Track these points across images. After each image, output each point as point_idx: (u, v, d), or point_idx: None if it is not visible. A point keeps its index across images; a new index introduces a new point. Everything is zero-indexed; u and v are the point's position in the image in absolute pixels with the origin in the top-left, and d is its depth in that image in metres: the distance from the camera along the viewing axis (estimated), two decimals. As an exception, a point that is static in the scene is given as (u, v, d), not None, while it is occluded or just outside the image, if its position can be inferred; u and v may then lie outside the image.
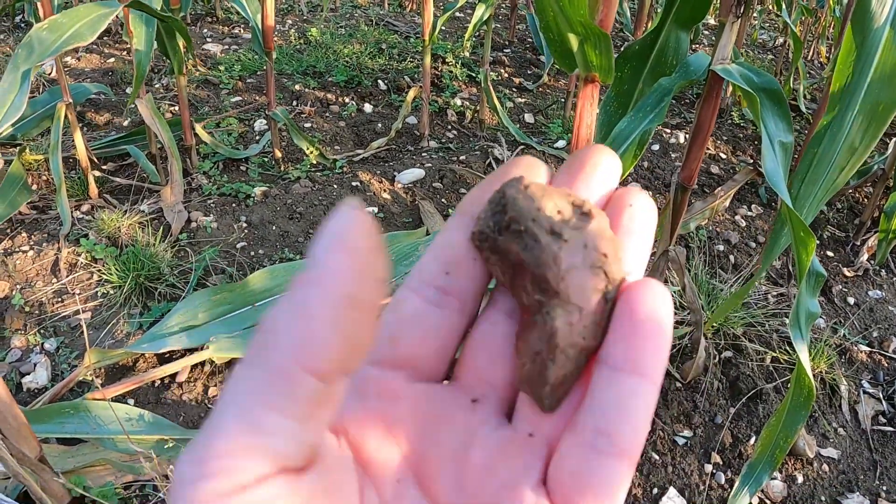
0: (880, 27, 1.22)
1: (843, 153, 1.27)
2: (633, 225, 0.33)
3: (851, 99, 1.25)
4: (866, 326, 2.47)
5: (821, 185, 1.29)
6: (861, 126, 1.24)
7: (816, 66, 5.30)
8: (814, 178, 1.30)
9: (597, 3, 1.10)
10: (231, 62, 4.04)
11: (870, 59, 1.23)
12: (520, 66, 4.48)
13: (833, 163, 1.28)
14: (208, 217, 2.50)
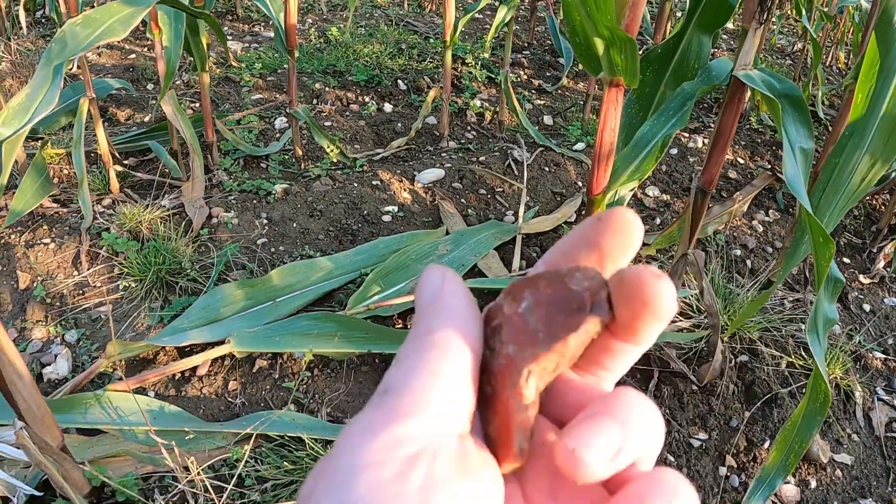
0: (905, 36, 1.23)
1: (865, 163, 1.27)
2: None
3: (874, 109, 1.25)
4: (881, 333, 2.47)
5: (842, 193, 1.30)
6: (883, 136, 1.25)
7: (835, 72, 5.29)
8: (835, 187, 1.31)
9: (623, 8, 1.12)
10: (251, 60, 4.06)
11: (892, 69, 1.24)
12: (539, 68, 4.49)
13: (854, 172, 1.28)
14: (229, 213, 2.52)
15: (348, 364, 1.97)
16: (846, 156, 1.29)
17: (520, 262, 2.42)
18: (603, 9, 1.02)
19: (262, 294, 2.07)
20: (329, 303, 2.17)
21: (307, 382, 1.92)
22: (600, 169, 1.22)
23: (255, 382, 1.90)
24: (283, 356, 1.97)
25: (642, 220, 2.88)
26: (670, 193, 3.13)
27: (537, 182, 3.02)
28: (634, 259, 2.43)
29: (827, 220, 1.33)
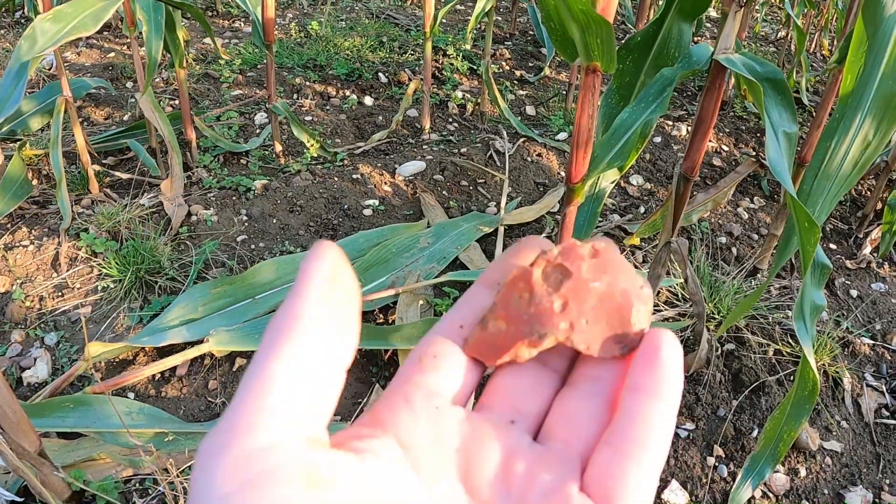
0: (893, 15, 1.21)
1: (857, 147, 1.25)
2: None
3: (864, 91, 1.23)
4: (869, 319, 2.46)
5: (834, 179, 1.28)
6: (875, 118, 1.23)
7: (819, 58, 5.29)
8: (827, 172, 1.28)
9: (598, -9, 1.09)
10: (231, 56, 4.03)
11: (882, 49, 1.21)
12: (521, 59, 4.47)
13: (847, 157, 1.26)
14: (208, 210, 2.49)
15: (330, 361, 1.94)
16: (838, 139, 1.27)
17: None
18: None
19: (242, 292, 2.05)
20: (310, 299, 2.14)
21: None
22: (579, 156, 1.20)
23: (236, 381, 1.88)
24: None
25: (626, 209, 2.89)
26: (654, 182, 3.12)
27: (520, 173, 3.00)
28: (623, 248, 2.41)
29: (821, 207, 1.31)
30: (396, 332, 1.87)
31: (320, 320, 0.31)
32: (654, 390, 0.35)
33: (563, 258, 0.39)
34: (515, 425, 0.38)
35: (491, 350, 0.39)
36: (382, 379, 1.92)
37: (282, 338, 0.30)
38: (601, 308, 0.38)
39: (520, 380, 0.40)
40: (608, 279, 0.38)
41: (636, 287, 0.39)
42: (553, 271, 0.39)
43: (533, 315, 0.38)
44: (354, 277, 0.34)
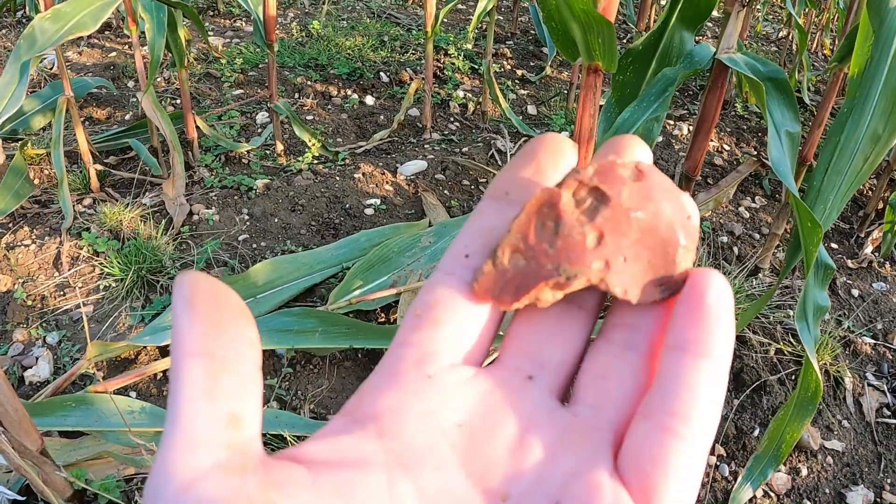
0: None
1: (867, 141, 1.25)
2: None
3: (871, 85, 1.23)
4: (871, 319, 2.46)
5: (845, 175, 1.28)
6: (884, 112, 1.23)
7: (820, 57, 5.28)
8: (837, 168, 1.28)
9: (600, -9, 1.09)
10: (233, 55, 4.03)
11: (889, 41, 1.21)
12: (522, 58, 4.47)
13: (857, 152, 1.26)
14: (210, 210, 2.49)
15: (331, 360, 1.95)
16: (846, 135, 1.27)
17: (503, 252, 2.40)
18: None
19: (243, 291, 2.05)
20: (311, 298, 2.15)
21: (289, 379, 1.90)
22: (581, 154, 1.20)
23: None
24: (265, 353, 1.94)
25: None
26: (657, 181, 3.12)
27: (521, 172, 3.00)
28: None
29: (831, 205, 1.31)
30: (398, 332, 1.87)
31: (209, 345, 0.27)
32: (699, 348, 0.30)
33: (600, 180, 0.32)
34: (534, 382, 0.33)
35: (505, 291, 0.33)
36: (384, 378, 1.92)
37: (180, 376, 0.26)
38: (643, 244, 0.32)
39: (541, 324, 0.34)
40: (652, 208, 0.32)
41: (683, 217, 0.33)
42: (587, 196, 0.33)
43: (560, 249, 0.32)
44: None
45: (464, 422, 0.31)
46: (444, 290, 0.33)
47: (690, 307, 0.30)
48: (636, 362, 0.32)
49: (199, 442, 0.25)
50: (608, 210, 0.32)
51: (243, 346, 0.28)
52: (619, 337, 0.33)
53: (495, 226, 0.34)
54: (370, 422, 0.31)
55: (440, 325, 0.32)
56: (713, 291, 0.30)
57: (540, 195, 0.33)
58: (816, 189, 1.29)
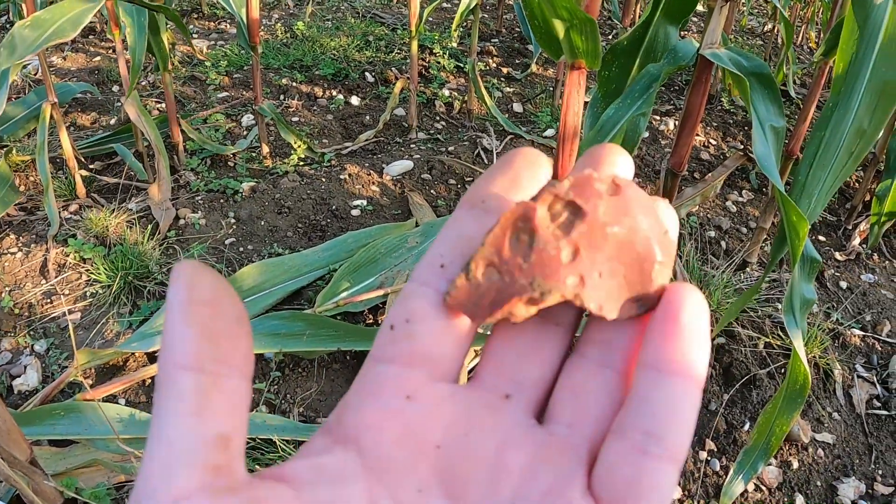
0: (882, 3, 1.21)
1: (852, 136, 1.25)
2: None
3: (857, 79, 1.23)
4: (859, 311, 2.47)
5: (830, 170, 1.28)
6: (869, 107, 1.23)
7: (806, 51, 5.29)
8: (822, 163, 1.28)
9: (582, -12, 1.09)
10: (217, 57, 4.02)
11: (874, 36, 1.22)
12: (508, 56, 4.47)
13: (841, 147, 1.26)
14: (196, 214, 2.49)
15: (319, 362, 1.94)
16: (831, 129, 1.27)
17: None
18: (561, -10, 0.99)
19: (230, 295, 2.04)
20: (298, 300, 2.14)
21: (278, 383, 1.89)
22: (565, 153, 1.20)
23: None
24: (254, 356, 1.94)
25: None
26: (643, 177, 3.12)
27: (508, 170, 3.00)
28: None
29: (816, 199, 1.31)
30: (385, 333, 1.87)
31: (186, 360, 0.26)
32: (673, 367, 0.30)
33: (575, 193, 0.32)
34: (511, 401, 0.32)
35: (478, 306, 0.32)
36: (373, 380, 1.92)
37: (168, 389, 0.26)
38: (618, 259, 0.32)
39: (518, 341, 0.34)
40: (629, 223, 0.31)
41: (660, 233, 0.32)
42: (563, 210, 0.32)
43: (534, 264, 0.31)
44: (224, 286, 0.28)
45: (443, 443, 0.31)
46: (418, 301, 0.33)
47: (665, 325, 0.30)
48: (611, 379, 0.32)
49: (185, 463, 0.25)
50: (584, 225, 0.31)
51: (237, 359, 0.27)
52: (594, 353, 0.33)
53: (471, 234, 0.33)
54: (351, 441, 0.30)
55: (416, 340, 0.32)
56: (688, 309, 0.30)
57: (515, 208, 0.32)
58: (801, 183, 1.29)
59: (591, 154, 0.35)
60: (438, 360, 0.32)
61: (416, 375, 0.32)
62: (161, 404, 0.26)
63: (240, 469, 0.27)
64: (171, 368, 0.26)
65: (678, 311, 0.30)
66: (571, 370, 0.33)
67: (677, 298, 0.30)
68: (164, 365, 0.26)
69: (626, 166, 0.35)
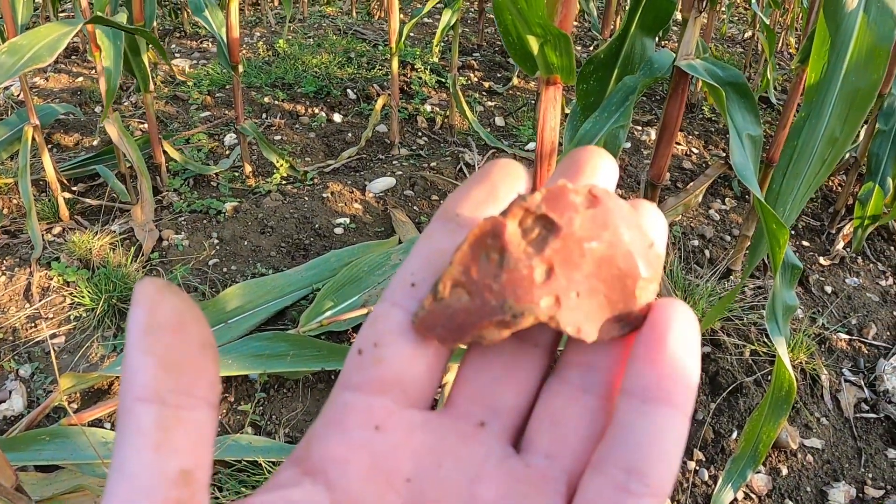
0: (853, 12, 1.22)
1: (824, 144, 1.26)
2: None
3: (829, 88, 1.24)
4: (845, 315, 2.48)
5: (803, 178, 1.29)
6: (840, 115, 1.24)
7: (786, 56, 5.32)
8: (795, 171, 1.29)
9: (555, 4, 1.10)
10: (200, 77, 4.02)
11: (844, 46, 1.22)
12: (489, 70, 4.48)
13: (814, 155, 1.27)
14: (179, 235, 2.48)
15: (304, 382, 1.93)
16: (804, 138, 1.27)
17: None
18: (534, 6, 1.00)
19: (214, 316, 2.03)
20: (282, 321, 2.14)
21: (263, 404, 1.88)
22: (543, 168, 1.20)
23: (211, 407, 1.87)
24: (238, 378, 1.93)
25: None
26: (625, 188, 3.13)
27: (490, 185, 3.00)
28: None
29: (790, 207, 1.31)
30: (370, 352, 1.87)
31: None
32: (657, 395, 0.27)
33: (548, 207, 0.29)
34: (486, 429, 0.31)
35: (447, 329, 0.30)
36: (358, 399, 1.91)
37: (127, 423, 0.25)
38: (598, 277, 0.29)
39: (493, 364, 0.32)
40: (609, 237, 0.29)
41: (644, 246, 0.30)
42: (535, 224, 0.29)
43: (505, 284, 0.29)
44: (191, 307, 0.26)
45: (413, 475, 0.29)
46: (387, 324, 0.31)
47: (649, 348, 0.28)
48: (593, 406, 0.30)
49: (147, 499, 0.24)
50: (558, 241, 0.29)
51: (201, 389, 0.26)
52: (574, 377, 0.31)
53: (444, 250, 0.31)
54: (319, 474, 0.29)
55: (384, 365, 0.30)
56: (675, 330, 0.28)
57: (483, 224, 0.30)
58: (776, 192, 1.30)
59: (572, 158, 0.33)
60: (408, 386, 0.30)
61: (384, 403, 0.30)
62: (121, 439, 0.25)
63: (203, 503, 0.25)
64: (130, 401, 0.25)
65: (664, 333, 0.28)
66: (550, 395, 0.31)
67: (663, 318, 0.29)
68: (124, 397, 0.25)
69: (610, 171, 0.33)
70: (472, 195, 0.32)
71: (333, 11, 5.75)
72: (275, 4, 5.68)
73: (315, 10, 5.81)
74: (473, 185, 0.33)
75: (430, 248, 0.32)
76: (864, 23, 1.20)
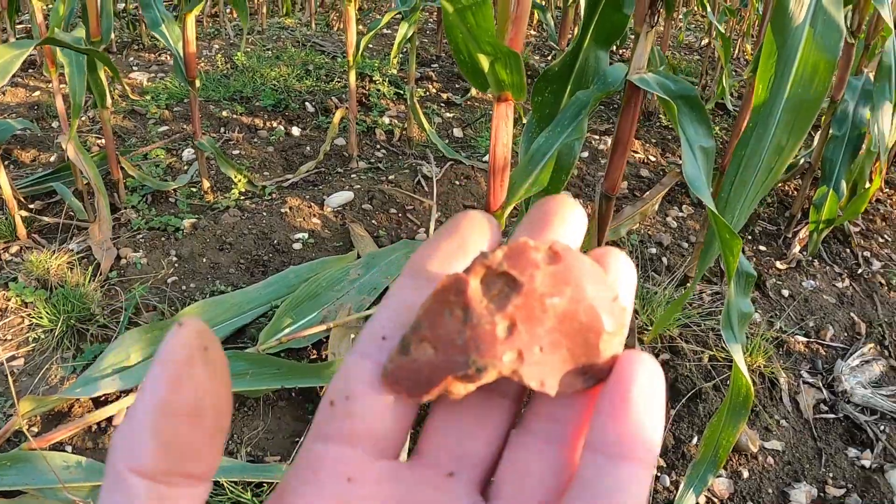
0: (800, 26, 1.24)
1: (771, 153, 1.28)
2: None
3: (775, 100, 1.26)
4: (802, 317, 2.51)
5: (751, 186, 1.30)
6: (787, 126, 1.26)
7: (742, 63, 5.39)
8: (743, 179, 1.31)
9: (505, 23, 1.11)
10: (158, 91, 3.99)
11: (791, 59, 1.24)
12: (448, 81, 4.49)
13: (761, 163, 1.29)
14: (138, 253, 2.46)
15: (264, 400, 1.93)
16: (751, 148, 1.29)
17: (431, 280, 2.39)
18: (484, 25, 1.00)
19: (173, 336, 2.02)
20: (242, 338, 2.13)
21: (224, 423, 1.87)
22: (496, 185, 1.21)
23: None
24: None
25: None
26: (584, 197, 3.15)
27: (448, 197, 3.01)
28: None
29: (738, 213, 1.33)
30: (329, 368, 1.86)
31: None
32: (621, 450, 0.28)
33: (509, 264, 0.30)
34: (456, 479, 0.31)
35: (414, 383, 0.30)
36: (319, 416, 1.91)
37: (114, 488, 0.25)
38: (560, 331, 0.30)
39: (461, 415, 0.32)
40: (570, 292, 0.30)
41: (607, 300, 0.31)
42: (496, 281, 0.30)
43: (469, 340, 0.29)
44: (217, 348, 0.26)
45: None
46: (359, 376, 0.31)
47: (613, 404, 0.29)
48: (558, 457, 0.31)
49: None
50: (520, 297, 0.30)
51: (202, 470, 0.26)
52: (540, 428, 0.31)
53: (413, 304, 0.32)
54: None
55: (356, 418, 0.30)
56: (639, 385, 0.29)
57: (445, 281, 0.31)
58: (724, 200, 1.31)
59: (540, 209, 0.34)
60: (379, 438, 0.31)
61: (356, 455, 0.30)
62: (109, 502, 0.25)
63: None
64: (125, 470, 0.24)
65: (628, 389, 0.28)
66: (516, 446, 0.32)
67: (628, 372, 0.29)
68: (116, 462, 0.25)
69: (577, 222, 0.34)
70: (441, 250, 0.33)
71: (292, 23, 5.73)
72: (234, 16, 5.65)
73: (274, 21, 5.79)
74: (442, 239, 0.33)
75: (400, 302, 0.32)
76: (811, 36, 1.22)
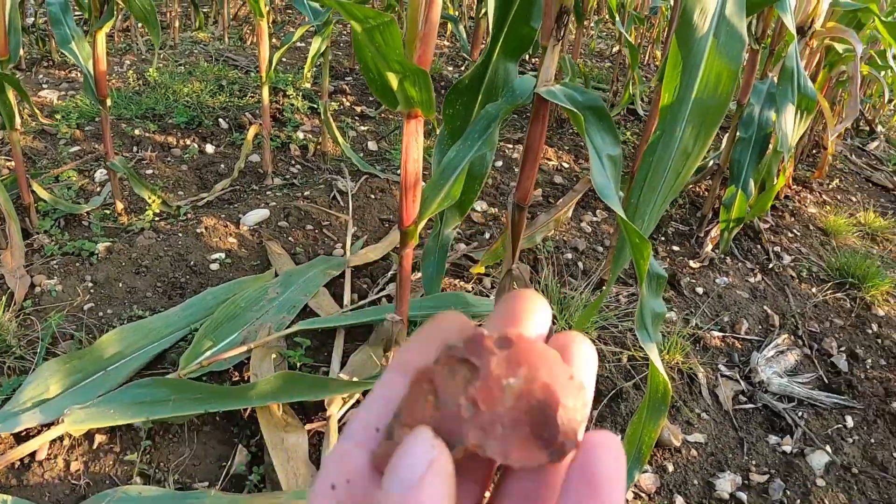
0: (703, 37, 1.27)
1: (678, 159, 1.31)
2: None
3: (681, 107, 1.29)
4: (717, 313, 2.57)
5: (660, 190, 1.33)
6: (692, 132, 1.29)
7: (653, 69, 5.48)
8: (652, 184, 1.33)
9: (413, 41, 1.12)
10: (68, 109, 3.89)
11: (695, 69, 1.28)
12: (362, 94, 4.49)
13: (669, 169, 1.32)
14: (52, 280, 2.40)
15: (189, 426, 1.89)
16: (659, 154, 1.32)
17: (351, 296, 2.39)
18: (392, 44, 1.02)
19: (91, 365, 1.98)
20: (162, 364, 2.09)
21: (150, 452, 1.84)
22: (408, 200, 1.22)
23: (97, 459, 1.82)
24: (122, 427, 1.88)
25: (471, 236, 2.92)
26: (498, 206, 3.18)
27: (364, 211, 3.01)
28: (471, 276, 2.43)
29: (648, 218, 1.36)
30: (252, 390, 1.84)
31: None
32: None
33: (468, 352, 0.34)
34: None
35: None
36: (244, 438, 1.88)
37: None
38: (519, 408, 0.33)
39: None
40: (525, 373, 0.33)
41: (563, 378, 0.34)
42: (460, 368, 0.34)
43: (440, 422, 0.33)
44: None
45: None
46: (357, 461, 0.34)
47: (580, 489, 0.31)
48: None
49: None
50: (479, 381, 0.33)
51: None
52: None
53: (398, 396, 0.35)
54: None
55: (357, 500, 0.33)
56: (605, 466, 0.31)
57: (417, 374, 0.34)
58: (634, 205, 1.34)
59: (508, 305, 0.37)
60: None
61: None
62: None
63: None
64: None
65: (593, 470, 0.31)
66: None
67: (592, 454, 0.31)
68: None
69: (543, 315, 0.36)
70: (422, 347, 0.36)
71: (205, 37, 5.67)
72: (145, 31, 5.56)
73: (187, 35, 5.72)
74: (423, 337, 0.37)
75: (387, 395, 0.35)
76: (714, 47, 1.26)
